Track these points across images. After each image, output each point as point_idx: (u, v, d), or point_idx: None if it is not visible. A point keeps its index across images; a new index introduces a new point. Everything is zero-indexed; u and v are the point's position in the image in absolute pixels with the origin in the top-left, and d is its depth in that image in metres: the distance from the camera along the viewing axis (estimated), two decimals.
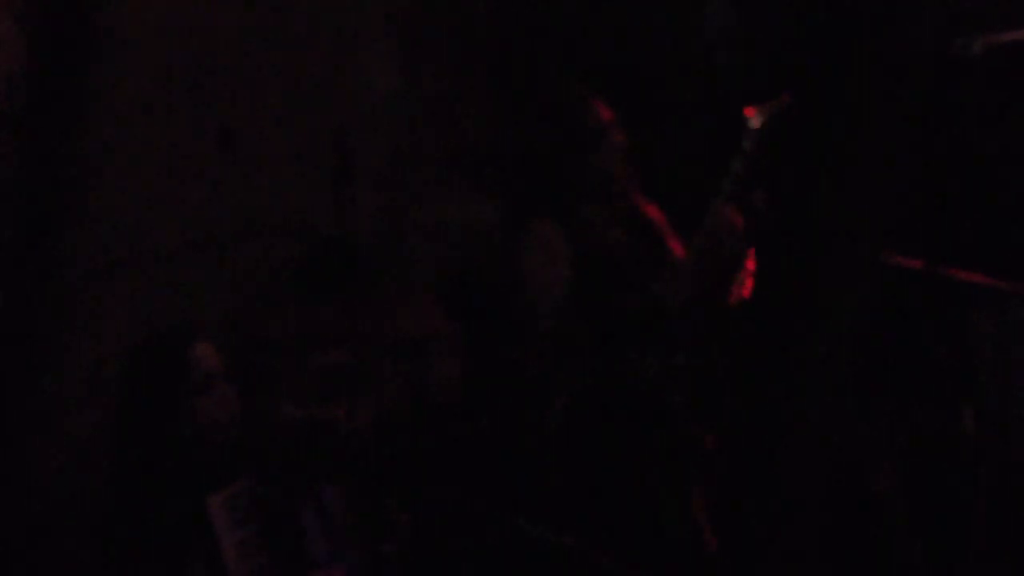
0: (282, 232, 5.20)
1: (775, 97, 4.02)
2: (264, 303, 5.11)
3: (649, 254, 4.26)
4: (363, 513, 3.62)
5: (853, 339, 4.43)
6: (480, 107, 5.72)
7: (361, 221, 5.15)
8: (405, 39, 5.58)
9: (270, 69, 5.17)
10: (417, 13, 5.58)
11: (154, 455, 3.52)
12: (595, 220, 4.23)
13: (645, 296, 4.07)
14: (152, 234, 4.82)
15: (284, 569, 3.55)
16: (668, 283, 4.09)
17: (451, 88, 5.65)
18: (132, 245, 4.76)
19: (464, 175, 5.66)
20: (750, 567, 4.07)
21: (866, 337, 4.46)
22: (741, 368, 4.38)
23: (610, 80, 4.61)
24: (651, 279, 4.15)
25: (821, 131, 4.57)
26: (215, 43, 5.01)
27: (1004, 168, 4.52)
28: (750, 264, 4.15)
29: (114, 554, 3.50)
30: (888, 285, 4.40)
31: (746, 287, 4.18)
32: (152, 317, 4.66)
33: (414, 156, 5.58)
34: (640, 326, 4.04)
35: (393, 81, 5.58)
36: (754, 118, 4.00)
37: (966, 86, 4.47)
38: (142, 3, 4.77)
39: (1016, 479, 4.33)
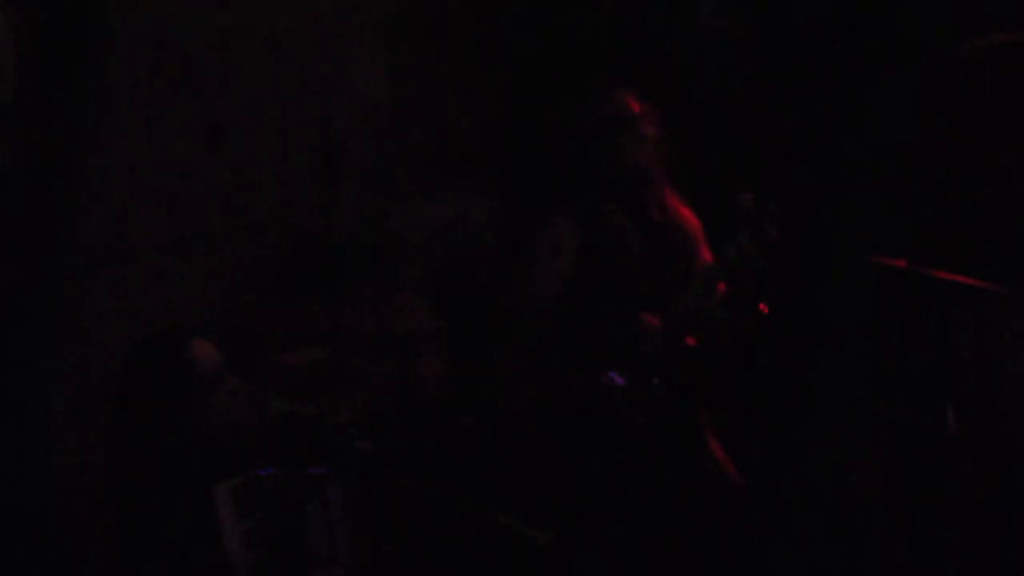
0: (268, 229, 5.20)
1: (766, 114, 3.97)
2: (249, 299, 5.12)
3: (667, 261, 4.13)
4: (362, 512, 3.60)
5: (847, 342, 4.43)
6: (467, 104, 5.73)
7: (347, 218, 5.16)
8: (392, 36, 5.59)
9: (258, 66, 5.18)
10: (404, 10, 5.60)
11: (160, 455, 3.49)
12: (616, 220, 4.15)
13: (626, 316, 3.98)
14: (139, 229, 4.82)
15: (286, 563, 3.52)
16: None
17: (438, 85, 5.67)
18: (118, 240, 4.76)
19: (451, 173, 5.67)
20: (739, 567, 4.08)
21: (858, 340, 4.45)
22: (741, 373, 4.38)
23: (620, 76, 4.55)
24: (657, 291, 4.05)
25: (817, 134, 4.58)
26: (204, 40, 5.02)
27: (985, 169, 4.54)
28: (763, 306, 3.97)
29: (118, 544, 3.47)
30: (874, 286, 4.41)
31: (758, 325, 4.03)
32: (138, 312, 4.67)
33: (400, 153, 5.59)
34: (618, 344, 3.95)
35: (380, 78, 5.59)
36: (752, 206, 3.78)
37: (958, 88, 4.49)
38: None
39: (997, 479, 4.35)
